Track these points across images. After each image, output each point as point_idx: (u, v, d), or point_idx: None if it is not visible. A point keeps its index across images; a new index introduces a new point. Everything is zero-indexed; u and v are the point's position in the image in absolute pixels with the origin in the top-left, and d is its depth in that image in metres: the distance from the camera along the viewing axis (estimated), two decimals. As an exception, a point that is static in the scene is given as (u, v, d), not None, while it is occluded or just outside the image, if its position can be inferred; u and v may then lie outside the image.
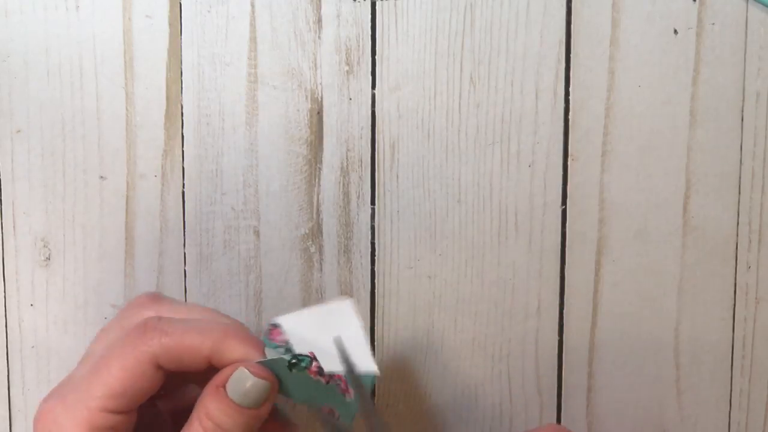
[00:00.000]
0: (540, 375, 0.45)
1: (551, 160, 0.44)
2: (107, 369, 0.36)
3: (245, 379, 0.35)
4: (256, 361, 0.36)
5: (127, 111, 0.44)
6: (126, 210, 0.45)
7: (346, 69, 0.44)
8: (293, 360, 0.36)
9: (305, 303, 0.45)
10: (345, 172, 0.44)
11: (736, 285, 0.44)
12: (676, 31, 0.43)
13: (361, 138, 0.44)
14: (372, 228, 0.45)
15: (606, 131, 0.44)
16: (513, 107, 0.44)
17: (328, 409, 0.37)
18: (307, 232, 0.45)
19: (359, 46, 0.44)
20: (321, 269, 0.45)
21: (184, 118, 0.44)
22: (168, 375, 0.37)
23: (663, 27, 0.43)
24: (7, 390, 0.46)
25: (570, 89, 0.44)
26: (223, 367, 0.36)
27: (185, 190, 0.45)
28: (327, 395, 0.37)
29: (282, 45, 0.44)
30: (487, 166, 0.44)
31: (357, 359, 0.38)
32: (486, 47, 0.44)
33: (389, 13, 0.44)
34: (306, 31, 0.44)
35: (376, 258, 0.45)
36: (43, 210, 0.45)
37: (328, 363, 0.37)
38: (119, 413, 0.36)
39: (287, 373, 0.36)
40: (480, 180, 0.44)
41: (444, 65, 0.44)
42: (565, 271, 0.44)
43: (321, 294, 0.45)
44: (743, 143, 0.44)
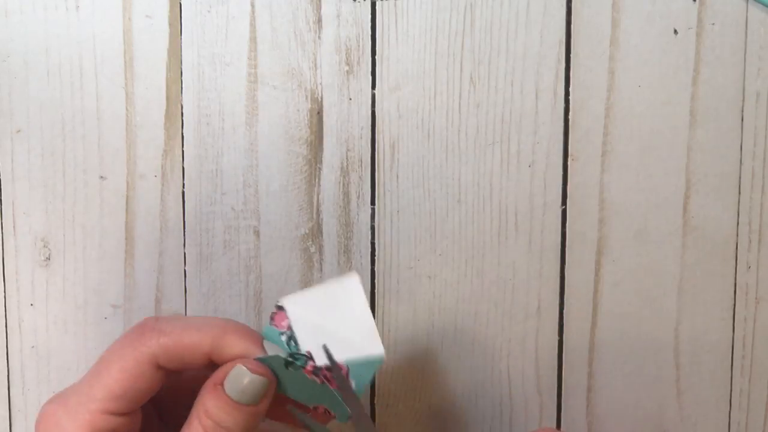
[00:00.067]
0: (540, 375, 0.45)
1: (551, 160, 0.44)
2: (107, 371, 0.36)
3: (243, 376, 0.35)
4: (253, 358, 0.36)
5: (127, 111, 0.44)
6: (126, 210, 0.45)
7: (346, 69, 0.44)
8: (290, 358, 0.36)
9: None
10: (345, 172, 0.44)
11: (736, 285, 0.44)
12: (676, 31, 0.43)
13: (361, 138, 0.44)
14: (372, 228, 0.45)
15: (606, 131, 0.44)
16: (513, 107, 0.44)
17: (323, 409, 0.37)
18: (307, 232, 0.45)
19: (359, 46, 0.44)
20: (321, 269, 0.45)
21: (184, 118, 0.44)
22: (168, 375, 0.37)
23: (663, 27, 0.43)
24: (7, 390, 0.46)
25: (570, 89, 0.44)
26: (224, 364, 0.36)
27: (185, 190, 0.45)
28: (321, 394, 0.37)
29: (282, 45, 0.44)
30: (487, 166, 0.44)
31: (363, 341, 0.38)
32: (486, 47, 0.44)
33: (389, 13, 0.44)
34: (306, 31, 0.44)
35: (376, 258, 0.45)
36: (43, 210, 0.45)
37: (333, 348, 0.37)
38: (120, 415, 0.36)
39: (284, 371, 0.36)
40: (480, 180, 0.44)
41: (444, 65, 0.44)
42: (565, 271, 0.44)
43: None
44: (743, 143, 0.44)
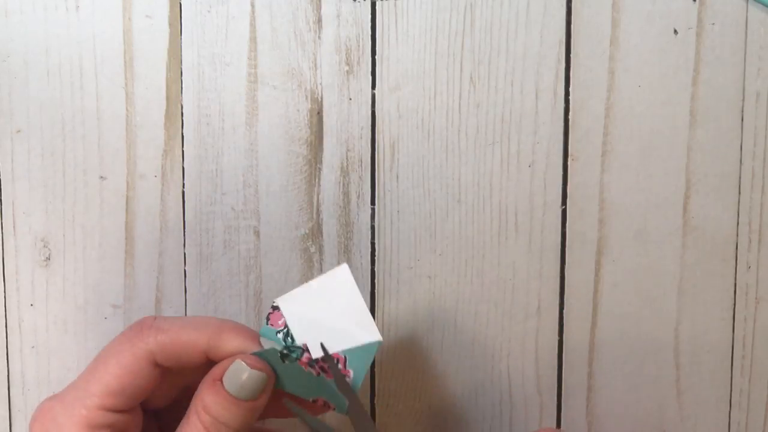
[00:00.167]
0: (540, 375, 0.45)
1: (551, 160, 0.44)
2: (104, 367, 0.36)
3: (242, 371, 0.35)
4: (250, 353, 0.36)
5: (127, 111, 0.44)
6: (126, 210, 0.45)
7: (346, 69, 0.44)
8: (285, 351, 0.36)
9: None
10: (345, 172, 0.44)
11: (736, 285, 0.44)
12: (676, 31, 0.43)
13: (361, 138, 0.44)
14: (372, 228, 0.45)
15: (606, 131, 0.44)
16: (513, 107, 0.44)
17: (322, 401, 0.37)
18: (307, 232, 0.45)
19: (359, 46, 0.44)
20: (321, 269, 0.45)
21: (184, 118, 0.44)
22: (164, 373, 0.37)
23: (663, 27, 0.43)
24: (7, 390, 0.46)
25: (570, 89, 0.44)
26: (220, 361, 0.36)
27: (185, 190, 0.45)
28: (318, 387, 0.37)
29: (282, 45, 0.44)
30: (487, 166, 0.44)
31: (358, 329, 0.38)
32: (486, 47, 0.44)
33: (389, 13, 0.44)
34: (306, 31, 0.44)
35: (376, 258, 0.45)
36: (43, 210, 0.45)
37: (329, 339, 0.37)
38: (117, 412, 0.36)
39: (280, 364, 0.36)
40: (480, 180, 0.44)
41: (444, 65, 0.44)
42: (565, 271, 0.44)
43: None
44: (743, 143, 0.44)
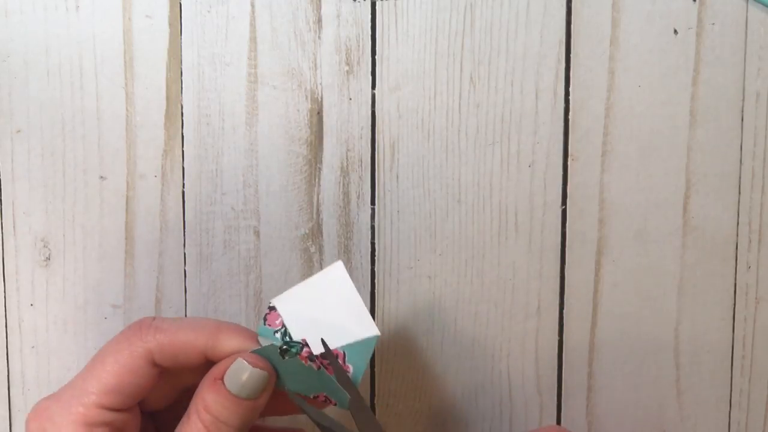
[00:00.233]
0: (540, 375, 0.45)
1: (551, 160, 0.44)
2: (102, 365, 0.36)
3: (243, 370, 0.35)
4: (250, 351, 0.36)
5: (127, 111, 0.44)
6: (126, 210, 0.45)
7: (346, 69, 0.44)
8: (284, 346, 0.36)
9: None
10: (345, 172, 0.44)
11: (736, 285, 0.44)
12: (676, 31, 0.43)
13: (361, 138, 0.44)
14: (372, 228, 0.45)
15: (606, 131, 0.44)
16: (513, 107, 0.44)
17: (323, 397, 0.37)
18: (307, 232, 0.45)
19: (359, 46, 0.44)
20: (321, 269, 0.45)
21: (184, 118, 0.44)
22: (162, 373, 0.37)
23: (663, 27, 0.43)
24: (7, 390, 0.46)
25: (570, 89, 0.44)
26: (219, 361, 0.36)
27: (185, 190, 0.45)
28: (319, 382, 0.37)
29: (282, 45, 0.44)
30: (487, 166, 0.44)
31: (355, 325, 0.38)
32: (486, 47, 0.44)
33: (389, 13, 0.44)
34: (306, 31, 0.44)
35: (376, 258, 0.45)
36: (43, 210, 0.45)
37: (327, 336, 0.37)
38: (114, 410, 0.36)
39: (280, 361, 0.36)
40: (480, 180, 0.44)
41: (444, 65, 0.44)
42: (565, 271, 0.44)
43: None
44: (743, 143, 0.44)
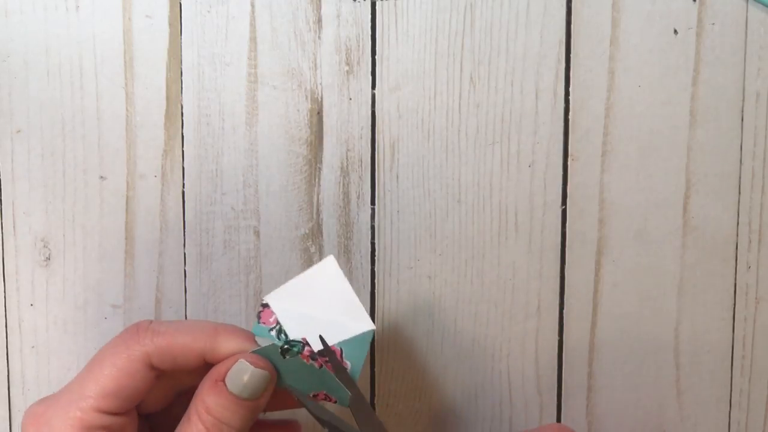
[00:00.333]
0: (540, 375, 0.45)
1: (551, 160, 0.44)
2: (99, 369, 0.35)
3: (244, 371, 0.35)
4: (250, 352, 0.36)
5: (127, 111, 0.44)
6: (126, 210, 0.45)
7: (346, 69, 0.44)
8: (285, 346, 0.36)
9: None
10: (345, 172, 0.44)
11: (736, 285, 0.44)
12: (676, 31, 0.43)
13: (361, 138, 0.44)
14: (372, 228, 0.45)
15: (606, 131, 0.44)
16: (513, 107, 0.44)
17: (323, 395, 0.37)
18: (307, 232, 0.45)
19: (359, 46, 0.44)
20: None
21: (184, 118, 0.44)
22: (159, 376, 0.37)
23: (663, 27, 0.43)
24: (7, 390, 0.46)
25: (570, 89, 0.44)
26: (218, 363, 0.36)
27: (185, 190, 0.45)
28: (321, 380, 0.37)
29: (282, 45, 0.44)
30: (487, 166, 0.44)
31: (350, 320, 0.38)
32: (486, 47, 0.44)
33: (389, 13, 0.44)
34: (306, 31, 0.44)
35: (376, 258, 0.45)
36: (43, 210, 0.45)
37: (324, 332, 0.37)
38: (112, 414, 0.35)
39: (281, 360, 0.36)
40: (480, 180, 0.44)
41: (444, 65, 0.44)
42: (565, 271, 0.44)
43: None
44: (743, 143, 0.44)
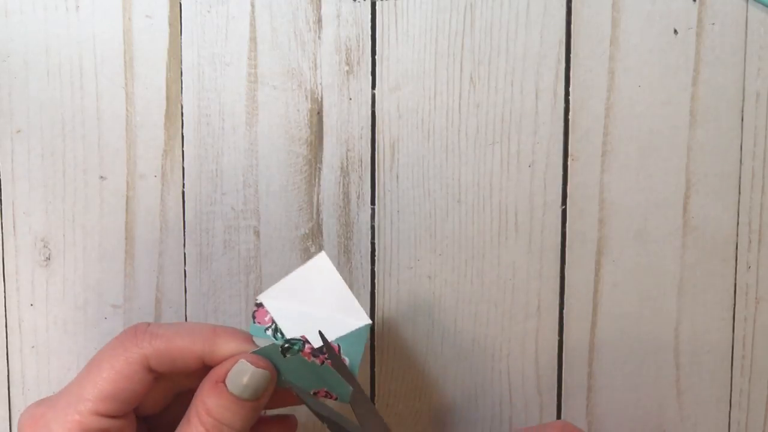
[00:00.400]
0: (540, 375, 0.45)
1: (551, 160, 0.44)
2: (98, 371, 0.35)
3: (245, 372, 0.35)
4: (250, 352, 0.36)
5: (127, 111, 0.44)
6: (126, 210, 0.45)
7: (346, 69, 0.44)
8: (286, 344, 0.36)
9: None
10: (345, 172, 0.44)
11: (736, 285, 0.44)
12: (676, 31, 0.43)
13: (361, 138, 0.44)
14: (372, 228, 0.45)
15: (606, 131, 0.44)
16: (513, 107, 0.44)
17: (324, 392, 0.37)
18: (307, 232, 0.45)
19: (359, 46, 0.44)
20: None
21: (184, 118, 0.44)
22: (158, 378, 0.37)
23: (663, 27, 0.43)
24: (7, 390, 0.46)
25: (570, 89, 0.44)
26: (217, 365, 0.36)
27: (185, 190, 0.45)
28: (322, 377, 0.37)
29: (282, 45, 0.44)
30: (487, 166, 0.44)
31: (346, 316, 0.38)
32: (486, 47, 0.43)
33: (389, 13, 0.44)
34: (306, 31, 0.44)
35: (376, 258, 0.45)
36: (43, 210, 0.45)
37: (320, 328, 0.37)
38: (111, 417, 0.35)
39: (281, 359, 0.36)
40: (480, 180, 0.44)
41: (444, 65, 0.44)
42: (565, 271, 0.44)
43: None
44: (743, 143, 0.44)
